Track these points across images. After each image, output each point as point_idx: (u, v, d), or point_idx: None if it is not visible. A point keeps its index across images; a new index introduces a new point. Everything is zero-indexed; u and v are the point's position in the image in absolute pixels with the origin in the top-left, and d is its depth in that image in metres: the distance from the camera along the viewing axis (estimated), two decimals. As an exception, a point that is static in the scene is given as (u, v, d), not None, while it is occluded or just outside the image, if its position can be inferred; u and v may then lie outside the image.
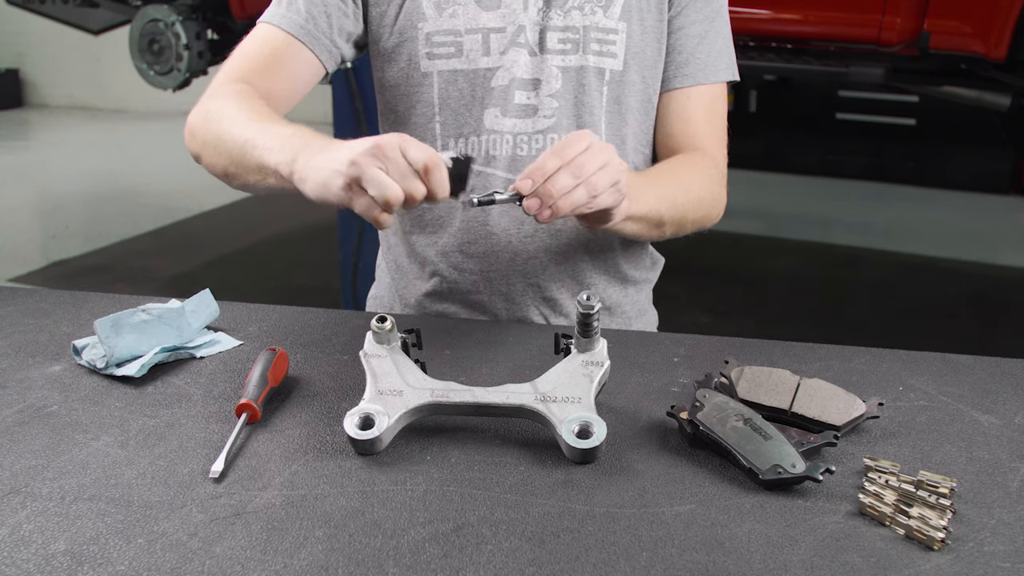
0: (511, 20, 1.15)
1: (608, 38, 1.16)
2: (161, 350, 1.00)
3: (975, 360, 1.02)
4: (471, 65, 1.15)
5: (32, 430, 0.87)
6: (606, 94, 1.17)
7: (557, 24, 1.15)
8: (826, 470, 0.75)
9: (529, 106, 1.16)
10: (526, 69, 1.15)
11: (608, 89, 1.17)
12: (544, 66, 1.15)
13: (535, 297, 1.21)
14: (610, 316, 1.26)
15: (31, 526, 0.72)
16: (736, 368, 0.90)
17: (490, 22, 1.15)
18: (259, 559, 0.67)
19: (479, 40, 1.15)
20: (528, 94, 1.16)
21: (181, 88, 3.96)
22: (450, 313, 1.23)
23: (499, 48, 1.15)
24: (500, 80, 1.15)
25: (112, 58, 6.96)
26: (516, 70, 1.15)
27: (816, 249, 4.52)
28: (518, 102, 1.16)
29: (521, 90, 1.15)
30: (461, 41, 1.15)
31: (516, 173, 1.15)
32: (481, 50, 1.15)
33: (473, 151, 1.17)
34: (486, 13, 1.15)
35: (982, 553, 0.68)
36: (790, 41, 3.40)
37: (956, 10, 3.08)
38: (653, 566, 0.66)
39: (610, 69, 1.17)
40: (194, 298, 1.09)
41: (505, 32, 1.15)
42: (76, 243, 4.59)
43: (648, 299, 1.33)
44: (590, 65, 1.16)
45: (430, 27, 1.15)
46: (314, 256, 4.16)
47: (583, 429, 0.80)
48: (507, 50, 1.15)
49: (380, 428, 0.81)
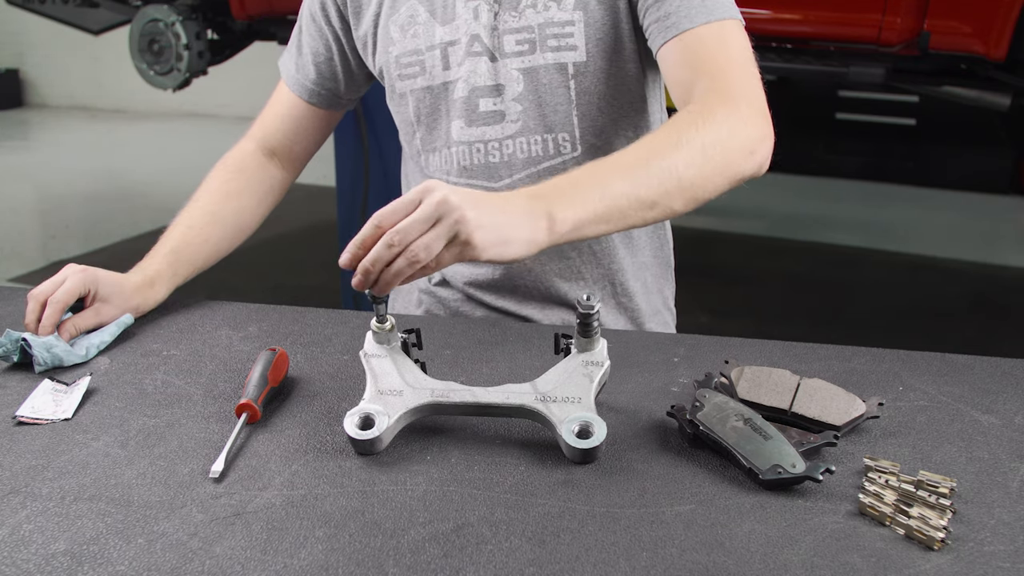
0: (464, 31, 1.16)
1: (565, 31, 1.13)
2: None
3: (975, 360, 1.02)
4: (433, 81, 1.19)
5: (32, 430, 0.87)
6: (574, 88, 1.15)
7: (512, 26, 1.14)
8: (826, 470, 0.75)
9: (495, 112, 1.17)
10: (486, 76, 1.16)
11: (575, 82, 1.15)
12: (504, 70, 1.15)
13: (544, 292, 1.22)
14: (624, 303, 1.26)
15: (31, 526, 0.72)
16: (736, 368, 0.90)
17: (446, 36, 1.17)
18: (259, 559, 0.67)
19: (438, 55, 1.18)
20: (493, 100, 1.17)
21: (181, 88, 3.96)
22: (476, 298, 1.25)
23: (456, 60, 1.17)
24: (460, 91, 1.17)
25: (112, 58, 6.96)
26: (475, 79, 1.16)
27: (816, 249, 4.52)
28: (483, 110, 1.17)
29: (485, 97, 1.17)
30: (423, 59, 1.19)
31: (495, 180, 1.19)
32: (441, 64, 1.18)
33: (446, 163, 1.21)
34: (442, 28, 1.17)
35: (982, 553, 0.68)
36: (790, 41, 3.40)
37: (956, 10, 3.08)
38: (653, 566, 0.66)
39: (572, 62, 1.14)
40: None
41: (459, 43, 1.16)
42: (76, 243, 4.59)
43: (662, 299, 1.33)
44: (548, 63, 1.14)
45: (398, 50, 1.20)
46: (314, 256, 4.16)
47: (583, 429, 0.80)
48: (464, 60, 1.17)
49: (380, 428, 0.81)
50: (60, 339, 1.02)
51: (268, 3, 3.82)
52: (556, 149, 1.17)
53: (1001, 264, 4.29)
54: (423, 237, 0.79)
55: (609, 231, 0.93)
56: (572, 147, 1.17)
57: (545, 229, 0.86)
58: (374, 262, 0.80)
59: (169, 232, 1.21)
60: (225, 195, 1.27)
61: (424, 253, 0.79)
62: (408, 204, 0.81)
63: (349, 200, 3.17)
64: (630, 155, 0.95)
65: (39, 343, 0.99)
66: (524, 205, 0.86)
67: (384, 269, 0.80)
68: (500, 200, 0.86)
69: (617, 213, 0.91)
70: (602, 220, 0.91)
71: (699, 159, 0.95)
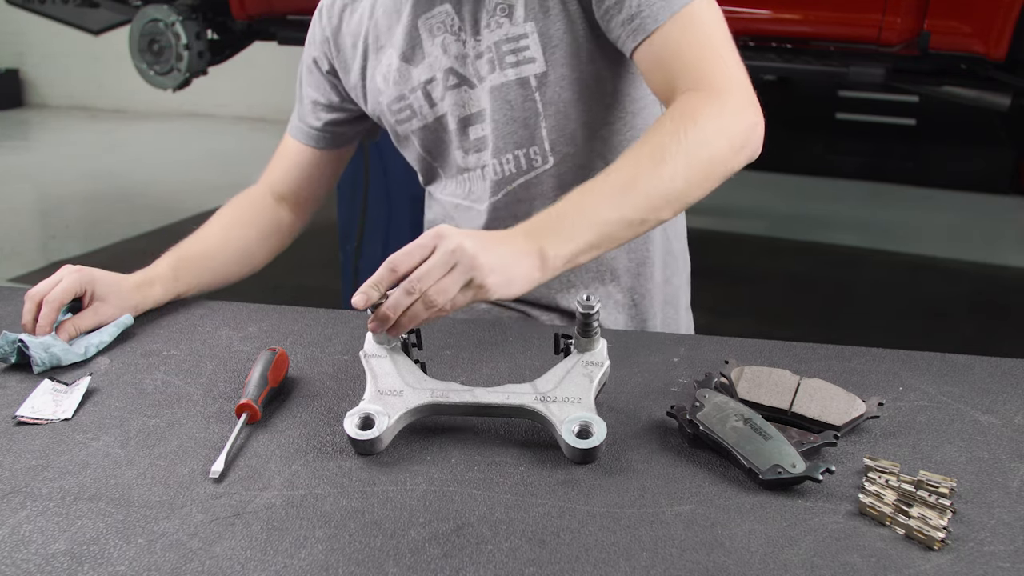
0: (438, 67, 1.17)
1: (520, 44, 1.12)
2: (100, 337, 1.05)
3: (975, 360, 1.02)
4: (426, 120, 1.21)
5: (32, 430, 0.87)
6: (539, 99, 1.14)
7: (478, 51, 1.14)
8: (826, 470, 0.75)
9: (482, 138, 1.18)
10: (469, 105, 1.17)
11: (540, 94, 1.14)
12: (481, 96, 1.16)
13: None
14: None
15: (31, 526, 0.72)
16: (736, 368, 0.90)
17: (422, 75, 1.18)
18: (259, 559, 0.67)
19: (420, 96, 1.20)
20: (480, 127, 1.18)
21: (181, 88, 3.95)
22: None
23: (438, 96, 1.19)
24: (451, 124, 1.19)
25: (112, 58, 6.95)
26: (460, 110, 1.18)
27: (816, 249, 4.52)
28: (474, 137, 1.19)
29: (474, 124, 1.18)
30: (410, 102, 1.21)
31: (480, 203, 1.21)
32: (426, 103, 1.20)
33: (463, 188, 1.24)
34: (416, 69, 1.18)
35: (982, 553, 0.68)
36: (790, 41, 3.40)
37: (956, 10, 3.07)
38: (653, 566, 0.66)
39: (533, 74, 1.13)
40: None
41: (437, 80, 1.17)
42: (76, 243, 4.59)
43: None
44: (511, 79, 1.13)
45: (386, 98, 1.22)
46: (314, 256, 4.16)
47: (583, 429, 0.80)
48: (444, 95, 1.18)
49: (380, 428, 0.81)
50: (58, 339, 1.02)
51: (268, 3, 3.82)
52: (529, 164, 1.17)
53: (1001, 264, 4.29)
54: (440, 282, 0.83)
55: (601, 254, 0.95)
56: (543, 160, 1.17)
57: (539, 268, 0.89)
58: (394, 309, 0.83)
59: (175, 247, 1.23)
60: (234, 223, 1.30)
61: (441, 298, 0.83)
62: (423, 249, 0.84)
63: (349, 200, 3.17)
64: (615, 177, 0.94)
65: (36, 343, 0.99)
66: (522, 245, 0.89)
67: (402, 314, 0.84)
68: (505, 241, 0.89)
69: (607, 239, 0.93)
70: (593, 248, 0.92)
71: (684, 170, 0.94)
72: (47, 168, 6.40)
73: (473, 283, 0.84)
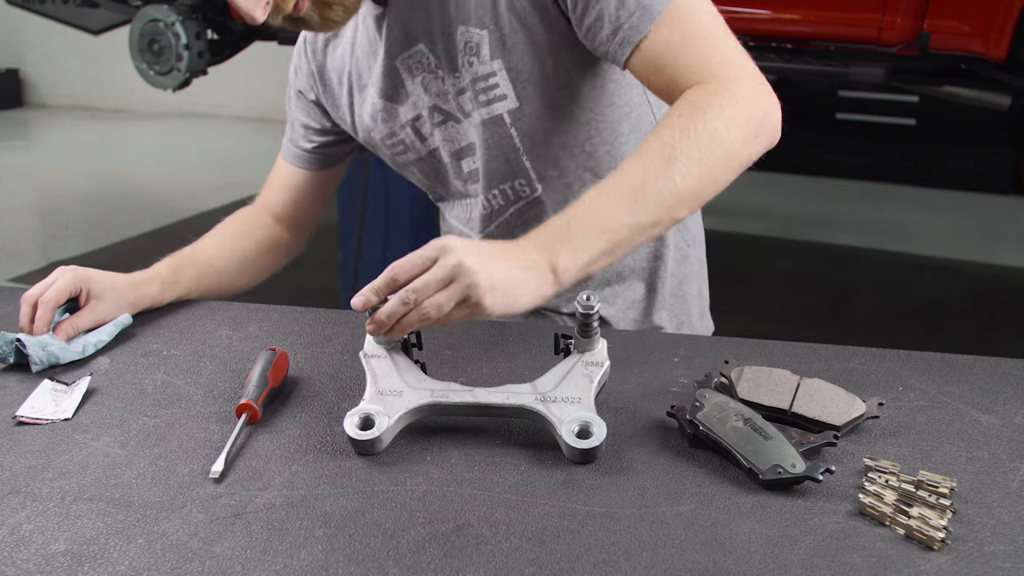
0: (421, 106, 1.16)
1: (490, 83, 1.09)
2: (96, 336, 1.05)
3: (975, 360, 1.02)
4: (420, 153, 1.22)
5: (32, 430, 0.87)
6: (516, 135, 1.12)
7: (459, 87, 1.12)
8: (826, 470, 0.75)
9: (475, 170, 1.19)
10: (458, 139, 1.17)
11: (516, 129, 1.12)
12: (469, 130, 1.15)
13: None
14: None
15: (31, 526, 0.72)
16: (736, 368, 0.90)
17: (409, 113, 1.18)
18: (259, 559, 0.67)
19: (411, 132, 1.20)
20: (472, 159, 1.18)
21: (181, 88, 3.95)
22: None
23: (428, 132, 1.19)
24: (445, 157, 1.20)
25: (112, 58, 6.94)
26: (450, 145, 1.18)
27: (816, 249, 4.52)
28: (467, 169, 1.19)
29: (466, 158, 1.18)
30: (401, 138, 1.21)
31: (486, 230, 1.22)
32: (417, 139, 1.20)
33: (464, 212, 1.24)
34: (402, 108, 1.18)
35: (982, 553, 0.68)
36: (790, 41, 3.40)
37: (956, 10, 3.08)
38: (653, 566, 0.66)
39: (507, 111, 1.11)
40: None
41: (423, 117, 1.17)
42: (76, 243, 4.59)
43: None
44: (486, 117, 1.12)
45: (378, 135, 1.23)
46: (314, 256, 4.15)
47: (583, 429, 0.80)
48: (432, 131, 1.18)
49: (380, 428, 0.81)
50: (55, 337, 1.02)
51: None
52: (516, 195, 1.18)
53: (1001, 264, 4.29)
54: (435, 296, 0.83)
55: (614, 261, 0.92)
56: (531, 189, 1.17)
57: (552, 283, 0.87)
58: (389, 316, 0.84)
59: (174, 253, 1.23)
60: (233, 234, 1.31)
61: (435, 311, 0.83)
62: (425, 260, 0.84)
63: (348, 200, 3.17)
64: (625, 180, 0.91)
65: (34, 342, 0.99)
66: (532, 260, 0.87)
67: (396, 322, 0.85)
68: (512, 255, 0.87)
69: (620, 246, 0.90)
70: (606, 255, 0.90)
71: (697, 167, 0.91)
72: (47, 168, 6.40)
73: (469, 301, 0.83)
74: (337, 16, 1.05)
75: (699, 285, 1.32)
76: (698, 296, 1.32)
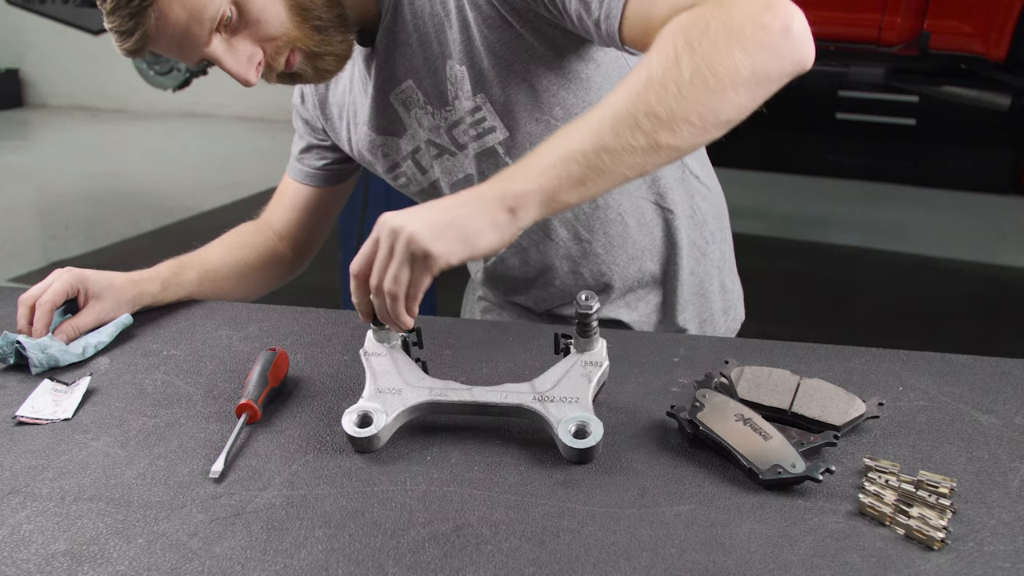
0: (419, 139, 1.17)
1: (477, 117, 1.09)
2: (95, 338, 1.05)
3: (975, 360, 1.02)
4: (422, 184, 1.22)
5: (32, 430, 0.87)
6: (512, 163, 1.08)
7: (452, 120, 1.12)
8: (826, 470, 0.75)
9: None
10: (456, 171, 1.17)
11: (510, 159, 1.10)
12: (465, 162, 1.15)
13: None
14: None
15: (31, 526, 0.72)
16: (736, 368, 0.90)
17: (408, 146, 1.19)
18: (259, 559, 0.67)
19: (411, 164, 1.20)
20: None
21: (181, 88, 3.96)
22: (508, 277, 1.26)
23: (427, 164, 1.19)
24: (445, 189, 1.20)
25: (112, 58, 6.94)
26: (449, 176, 1.18)
27: (816, 249, 4.52)
28: None
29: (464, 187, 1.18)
30: (403, 170, 1.22)
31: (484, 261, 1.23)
32: (418, 172, 1.21)
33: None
34: (402, 140, 1.18)
35: (982, 553, 0.68)
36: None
37: (956, 10, 3.08)
38: (653, 566, 0.66)
39: (497, 143, 1.10)
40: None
41: (422, 150, 1.18)
42: (76, 243, 4.59)
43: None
44: (479, 151, 1.12)
45: (380, 168, 1.23)
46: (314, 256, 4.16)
47: (580, 429, 0.80)
48: (432, 163, 1.18)
49: (378, 426, 0.81)
50: (56, 339, 1.02)
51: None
52: None
53: (1001, 264, 4.28)
54: (388, 272, 0.81)
55: (597, 192, 0.82)
56: None
57: (506, 209, 0.80)
58: (381, 314, 0.84)
59: (176, 257, 1.23)
60: (236, 244, 1.31)
61: (395, 286, 0.81)
62: (371, 246, 0.83)
63: (349, 200, 3.17)
64: (591, 112, 0.82)
65: (33, 344, 0.99)
66: (475, 194, 0.82)
67: (385, 315, 0.84)
68: (449, 200, 0.83)
69: (593, 172, 0.80)
70: (575, 183, 0.80)
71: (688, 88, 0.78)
72: (47, 168, 6.40)
73: (417, 256, 0.79)
74: (329, 66, 1.05)
75: (721, 280, 1.31)
76: (720, 291, 1.30)
